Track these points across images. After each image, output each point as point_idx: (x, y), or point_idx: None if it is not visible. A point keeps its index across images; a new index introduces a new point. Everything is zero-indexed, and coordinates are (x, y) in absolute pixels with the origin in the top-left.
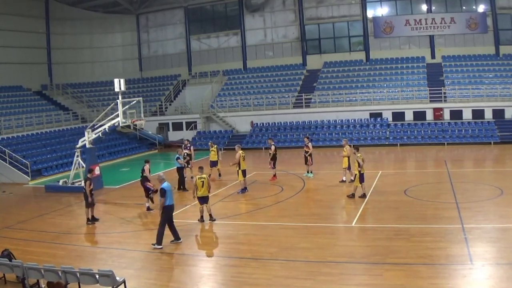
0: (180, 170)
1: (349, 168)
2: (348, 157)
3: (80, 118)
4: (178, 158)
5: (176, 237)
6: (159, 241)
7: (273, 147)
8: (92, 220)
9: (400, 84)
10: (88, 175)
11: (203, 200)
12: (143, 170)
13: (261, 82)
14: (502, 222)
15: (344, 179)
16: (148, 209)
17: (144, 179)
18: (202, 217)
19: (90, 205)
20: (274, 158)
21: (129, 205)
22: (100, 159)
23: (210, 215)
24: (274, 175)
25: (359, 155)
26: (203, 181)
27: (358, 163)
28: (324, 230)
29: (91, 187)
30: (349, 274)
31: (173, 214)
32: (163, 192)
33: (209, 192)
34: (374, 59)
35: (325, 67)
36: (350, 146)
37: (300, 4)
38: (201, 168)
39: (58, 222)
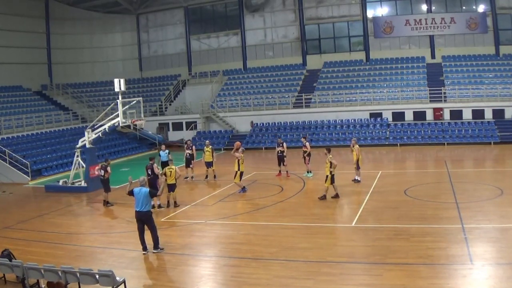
0: (163, 165)
1: (358, 167)
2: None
3: (80, 118)
4: (159, 155)
5: (144, 247)
6: (156, 244)
7: (285, 145)
8: (107, 203)
9: (400, 84)
10: (105, 163)
11: (171, 188)
12: (151, 169)
13: (261, 82)
14: (502, 222)
15: (357, 178)
16: (159, 207)
17: (155, 178)
18: (168, 202)
19: (108, 190)
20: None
21: (129, 205)
22: (100, 159)
23: (175, 202)
24: (280, 172)
25: (330, 156)
26: (171, 171)
27: (331, 164)
28: (324, 230)
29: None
30: (349, 274)
31: (174, 214)
32: (131, 194)
33: (176, 180)
34: (374, 59)
35: (325, 67)
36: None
37: (300, 4)
38: (171, 160)
39: (58, 222)
